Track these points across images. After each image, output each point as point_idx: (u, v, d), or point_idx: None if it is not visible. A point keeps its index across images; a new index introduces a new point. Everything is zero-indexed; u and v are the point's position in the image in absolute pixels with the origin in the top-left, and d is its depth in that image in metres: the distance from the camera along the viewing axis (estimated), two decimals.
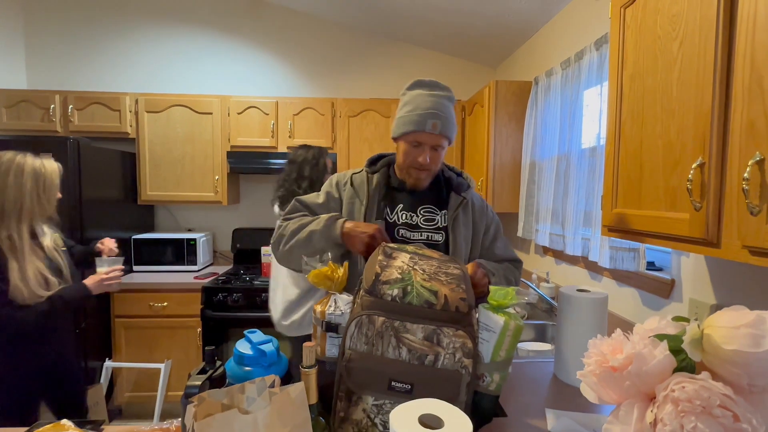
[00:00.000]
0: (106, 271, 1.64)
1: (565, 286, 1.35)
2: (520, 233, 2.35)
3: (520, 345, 1.71)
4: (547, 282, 2.12)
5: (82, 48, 3.01)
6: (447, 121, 1.09)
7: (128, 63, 3.04)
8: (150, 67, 3.05)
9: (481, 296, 1.01)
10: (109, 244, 1.85)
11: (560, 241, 1.97)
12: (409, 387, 0.71)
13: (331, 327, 0.78)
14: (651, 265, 1.50)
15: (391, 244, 0.91)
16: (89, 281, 1.58)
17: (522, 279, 2.12)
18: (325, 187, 1.24)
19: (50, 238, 1.54)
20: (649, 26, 1.00)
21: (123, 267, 1.71)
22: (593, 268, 1.81)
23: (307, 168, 1.84)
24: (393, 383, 0.71)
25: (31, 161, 1.46)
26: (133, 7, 3.02)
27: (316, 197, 1.23)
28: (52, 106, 2.68)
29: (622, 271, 1.57)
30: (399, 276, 0.77)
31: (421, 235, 1.14)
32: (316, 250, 1.04)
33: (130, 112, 2.74)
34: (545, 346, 1.67)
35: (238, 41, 3.08)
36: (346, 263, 0.90)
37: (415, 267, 0.80)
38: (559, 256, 2.13)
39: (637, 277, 1.50)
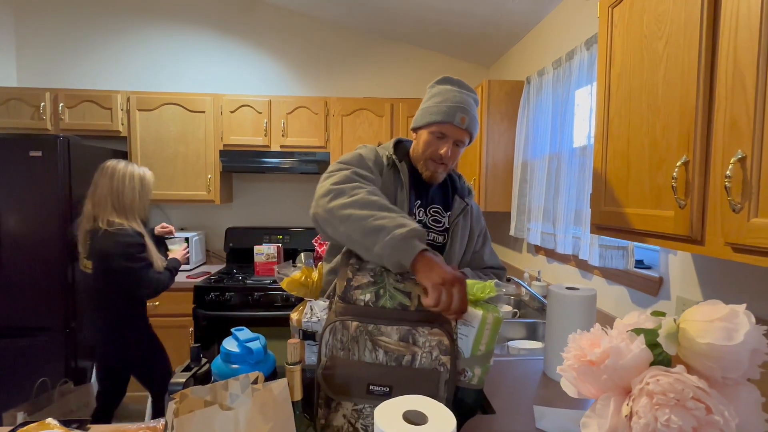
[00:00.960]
0: (184, 247, 2.21)
1: (555, 284, 1.35)
2: (512, 232, 2.35)
3: (511, 344, 1.71)
4: (539, 281, 2.13)
5: (73, 45, 2.99)
6: (473, 119, 1.10)
7: (120, 61, 3.02)
8: (142, 65, 3.03)
9: None
10: (170, 227, 2.26)
11: (551, 239, 1.98)
12: (388, 390, 0.70)
13: (308, 335, 0.78)
14: (640, 264, 1.51)
15: None
16: (177, 255, 2.09)
17: (513, 278, 2.13)
18: (369, 154, 1.09)
19: None
20: (636, 25, 1.00)
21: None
22: (584, 266, 1.82)
23: None
24: (371, 387, 0.71)
25: (137, 169, 1.89)
26: (125, 4, 3.00)
27: (362, 168, 1.03)
28: (43, 104, 2.65)
29: (611, 269, 1.58)
30: (371, 279, 0.75)
31: (428, 236, 1.12)
32: (362, 246, 0.80)
33: (122, 110, 2.72)
34: (536, 344, 1.68)
35: (231, 39, 3.07)
36: (320, 265, 0.89)
37: None
38: (551, 254, 2.14)
39: (626, 275, 1.51)
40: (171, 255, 2.10)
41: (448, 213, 1.16)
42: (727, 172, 0.73)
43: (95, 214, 1.78)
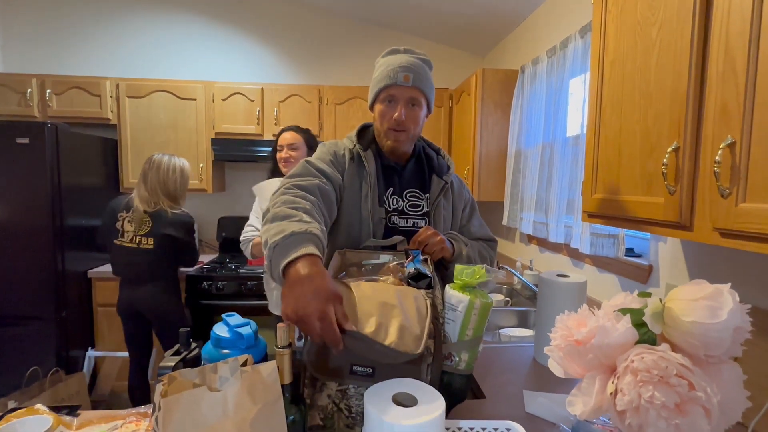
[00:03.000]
0: None
1: (546, 271, 1.36)
2: (505, 221, 2.36)
3: (502, 331, 1.73)
4: (531, 270, 2.14)
5: (60, 31, 2.92)
6: (420, 75, 1.03)
7: (109, 47, 2.96)
8: (132, 52, 2.98)
9: (441, 258, 1.00)
10: None
11: (544, 229, 1.99)
12: (371, 371, 0.70)
13: None
14: (630, 252, 1.53)
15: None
16: None
17: (506, 266, 2.14)
18: (325, 155, 1.07)
19: None
20: (630, 11, 1.00)
21: None
22: (575, 255, 1.84)
23: None
24: (354, 368, 0.71)
25: (177, 161, 2.18)
26: None
27: (324, 163, 1.04)
28: (29, 90, 2.60)
29: (602, 257, 1.60)
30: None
31: (407, 222, 1.10)
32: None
33: (111, 97, 2.68)
34: (527, 332, 1.70)
35: (222, 26, 3.02)
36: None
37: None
38: (543, 243, 2.15)
39: (617, 263, 1.52)
40: None
41: (427, 195, 1.11)
42: (717, 158, 0.73)
43: (153, 200, 2.09)
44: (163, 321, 2.11)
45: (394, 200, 1.09)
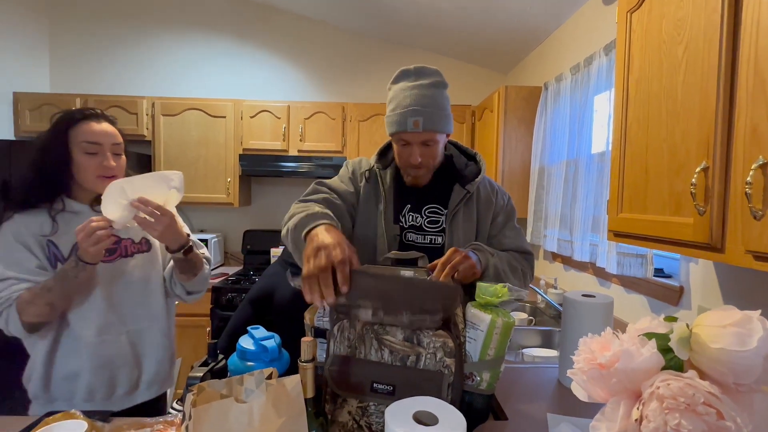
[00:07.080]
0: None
1: (571, 291, 1.34)
2: (528, 239, 2.33)
3: (525, 351, 1.70)
4: (555, 288, 2.10)
5: (102, 53, 3.11)
6: (431, 115, 0.99)
7: (146, 68, 3.13)
8: (166, 72, 3.14)
9: (471, 282, 0.93)
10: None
11: (568, 246, 1.95)
12: (391, 388, 0.71)
13: (319, 332, 0.80)
14: (660, 272, 1.48)
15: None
16: None
17: (529, 285, 2.10)
18: (345, 172, 1.15)
19: None
20: (655, 31, 1.00)
21: None
22: (601, 274, 1.79)
23: None
24: (375, 385, 0.71)
25: None
26: (151, 14, 3.11)
27: (340, 181, 1.13)
28: (73, 108, 2.77)
29: (630, 277, 1.55)
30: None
31: (425, 239, 1.09)
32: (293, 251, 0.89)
33: (147, 115, 2.82)
34: (551, 353, 1.66)
35: (250, 47, 3.15)
36: None
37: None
38: (568, 262, 2.11)
39: (645, 283, 1.48)
40: None
41: (447, 210, 1.09)
42: (748, 179, 0.72)
43: None
44: None
45: (411, 217, 1.09)
